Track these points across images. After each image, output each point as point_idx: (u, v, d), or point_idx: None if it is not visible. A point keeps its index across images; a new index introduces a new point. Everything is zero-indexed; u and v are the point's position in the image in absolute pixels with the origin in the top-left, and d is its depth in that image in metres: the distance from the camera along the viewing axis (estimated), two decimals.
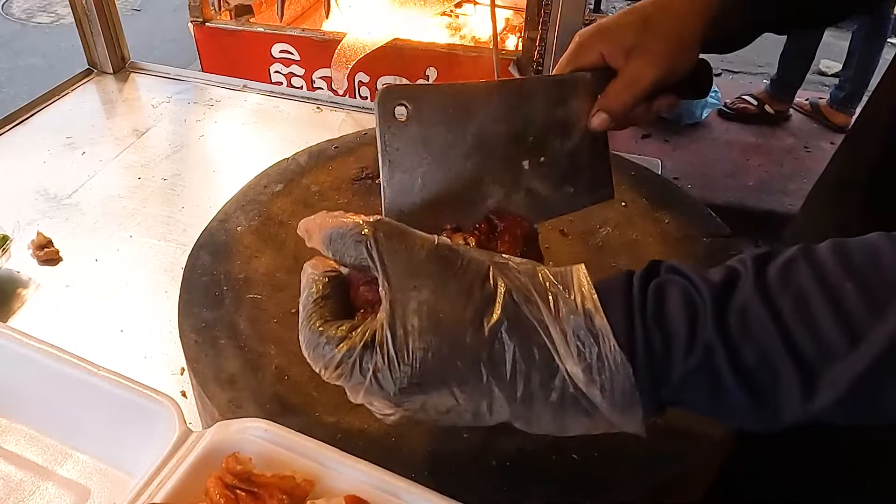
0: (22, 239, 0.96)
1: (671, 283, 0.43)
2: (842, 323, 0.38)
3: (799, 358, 0.38)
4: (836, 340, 0.37)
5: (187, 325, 0.69)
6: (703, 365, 0.40)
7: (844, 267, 0.39)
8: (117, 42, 1.41)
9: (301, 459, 0.49)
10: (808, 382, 0.38)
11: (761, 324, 0.39)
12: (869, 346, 0.37)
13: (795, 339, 0.38)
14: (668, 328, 0.41)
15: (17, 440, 0.57)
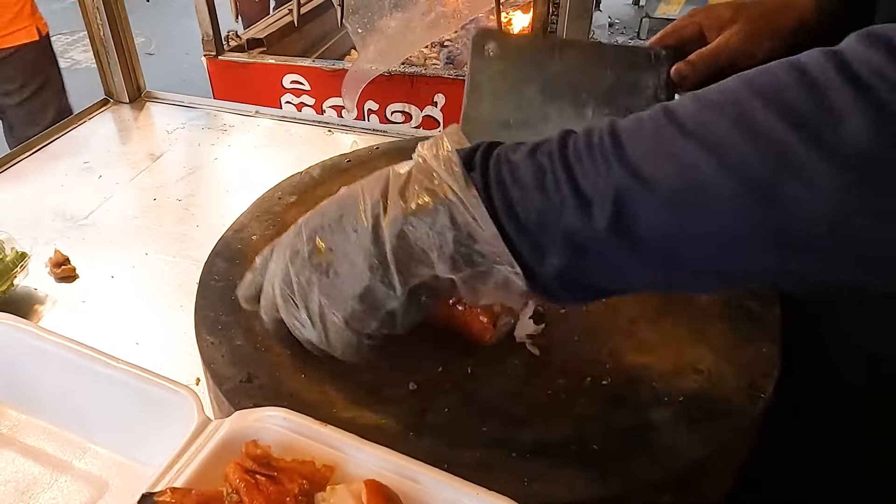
0: (39, 257, 0.97)
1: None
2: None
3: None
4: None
5: (204, 328, 0.70)
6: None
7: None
8: (133, 72, 1.44)
9: (320, 447, 0.49)
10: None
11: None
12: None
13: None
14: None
15: (35, 434, 0.57)
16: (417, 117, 1.94)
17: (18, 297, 0.92)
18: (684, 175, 0.37)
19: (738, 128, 0.36)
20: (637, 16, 5.56)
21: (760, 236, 0.36)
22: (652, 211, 0.39)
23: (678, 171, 0.38)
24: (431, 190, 0.46)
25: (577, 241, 0.41)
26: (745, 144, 0.35)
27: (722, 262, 0.40)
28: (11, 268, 0.90)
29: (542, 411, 0.60)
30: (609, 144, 0.41)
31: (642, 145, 0.40)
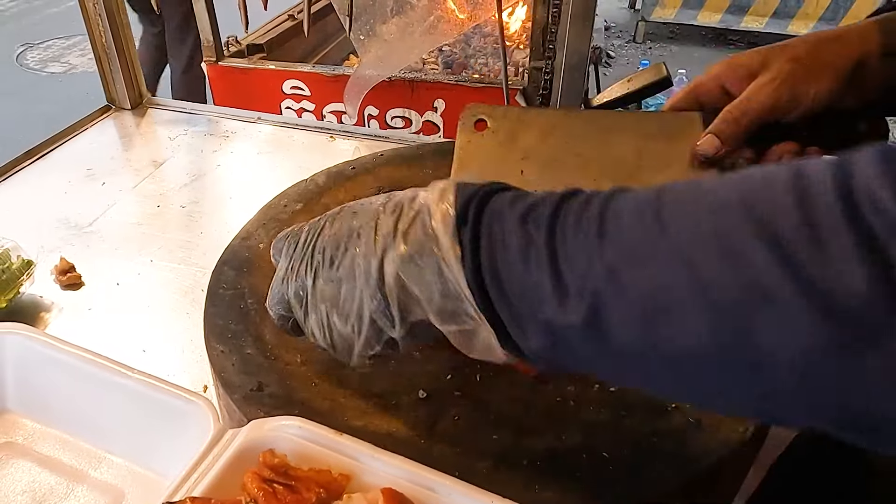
0: (45, 265, 0.97)
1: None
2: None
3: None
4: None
5: (213, 337, 0.70)
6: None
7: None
8: (135, 79, 1.44)
9: (335, 455, 0.49)
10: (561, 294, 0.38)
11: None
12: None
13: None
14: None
15: (50, 444, 0.57)
16: (417, 122, 1.95)
17: (25, 305, 0.92)
18: (655, 290, 0.35)
19: (719, 247, 0.32)
20: (633, 19, 5.59)
21: (731, 366, 0.33)
22: (624, 318, 0.36)
23: (650, 285, 0.35)
24: (424, 240, 0.45)
25: (554, 328, 0.39)
26: (724, 270, 0.32)
27: (693, 385, 0.37)
28: (18, 276, 0.90)
29: (551, 419, 0.61)
30: (595, 231, 0.38)
31: (623, 241, 0.37)
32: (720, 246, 0.32)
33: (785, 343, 0.30)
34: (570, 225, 0.39)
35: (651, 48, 5.33)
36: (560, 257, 0.39)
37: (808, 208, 0.30)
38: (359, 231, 0.50)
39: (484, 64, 2.53)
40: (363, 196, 0.91)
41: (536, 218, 0.41)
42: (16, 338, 0.58)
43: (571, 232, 0.39)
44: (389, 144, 1.33)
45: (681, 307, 0.33)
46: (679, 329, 0.34)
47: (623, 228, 0.37)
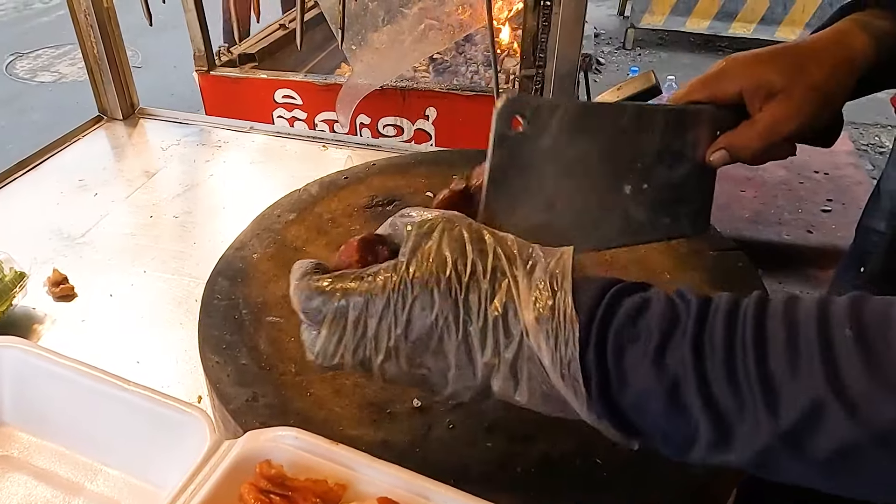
0: (38, 276, 0.97)
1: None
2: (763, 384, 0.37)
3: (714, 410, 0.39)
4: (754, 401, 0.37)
5: (208, 348, 0.70)
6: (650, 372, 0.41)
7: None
8: (127, 89, 1.45)
9: (332, 465, 0.49)
10: (720, 434, 0.39)
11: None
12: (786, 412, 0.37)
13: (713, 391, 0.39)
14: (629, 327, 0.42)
15: (47, 457, 0.57)
16: (409, 131, 1.95)
17: (18, 318, 0.92)
18: (844, 457, 0.36)
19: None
20: (622, 26, 5.62)
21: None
22: (803, 471, 0.38)
23: (837, 453, 0.36)
24: (540, 380, 0.44)
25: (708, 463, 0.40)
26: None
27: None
28: (10, 288, 0.90)
29: (545, 426, 0.61)
30: (757, 387, 0.38)
31: (796, 405, 0.37)
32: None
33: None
34: (719, 370, 0.39)
35: (640, 55, 5.36)
36: (720, 404, 0.39)
37: None
38: (441, 337, 0.45)
39: (475, 72, 2.55)
40: (356, 204, 0.93)
41: (678, 355, 0.40)
42: (11, 351, 0.58)
43: (725, 380, 0.39)
44: (382, 153, 1.33)
45: (871, 470, 0.36)
46: (864, 481, 0.37)
47: (794, 391, 0.37)
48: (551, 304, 0.43)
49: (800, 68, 0.62)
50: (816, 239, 2.85)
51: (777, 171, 3.41)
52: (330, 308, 0.47)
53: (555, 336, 0.43)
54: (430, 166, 1.02)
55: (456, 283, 0.45)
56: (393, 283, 0.46)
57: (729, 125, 0.65)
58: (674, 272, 0.81)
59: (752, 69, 0.64)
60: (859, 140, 4.01)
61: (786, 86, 0.62)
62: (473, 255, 0.46)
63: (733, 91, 0.64)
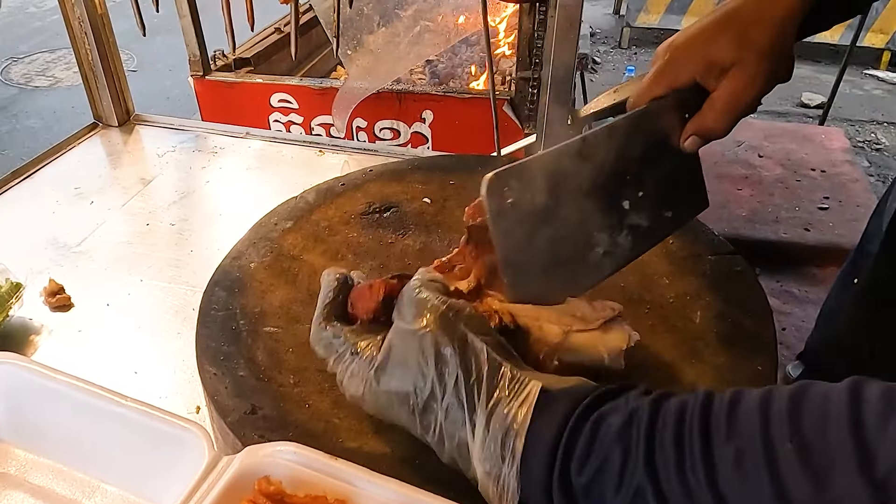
0: (34, 287, 0.97)
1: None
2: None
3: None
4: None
5: (206, 359, 0.70)
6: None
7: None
8: (122, 96, 1.44)
9: (330, 480, 0.49)
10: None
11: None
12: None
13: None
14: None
15: (44, 474, 0.57)
16: (406, 134, 1.95)
17: (14, 328, 0.92)
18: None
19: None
20: (618, 25, 5.63)
21: None
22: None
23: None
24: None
25: None
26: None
27: None
28: (6, 299, 0.90)
29: None
30: (701, 468, 0.41)
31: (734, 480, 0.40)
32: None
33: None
34: (672, 468, 0.42)
35: (636, 53, 5.36)
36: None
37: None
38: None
39: (471, 74, 2.54)
40: (352, 211, 0.93)
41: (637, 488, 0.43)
42: (7, 367, 0.57)
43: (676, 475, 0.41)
44: (378, 158, 1.33)
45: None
46: None
47: (731, 466, 0.40)
48: (497, 473, 0.48)
49: (745, 38, 0.62)
50: (813, 236, 2.85)
51: (774, 169, 3.41)
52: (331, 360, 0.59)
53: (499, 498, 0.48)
54: (426, 172, 1.02)
55: (415, 402, 0.53)
56: (367, 382, 0.56)
57: (693, 105, 0.66)
58: (672, 277, 0.81)
59: (699, 52, 0.64)
60: (855, 137, 4.02)
61: (736, 58, 0.62)
62: (434, 378, 0.52)
63: (687, 78, 0.65)
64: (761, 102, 0.67)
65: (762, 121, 3.57)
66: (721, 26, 0.64)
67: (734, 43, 0.63)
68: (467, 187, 0.98)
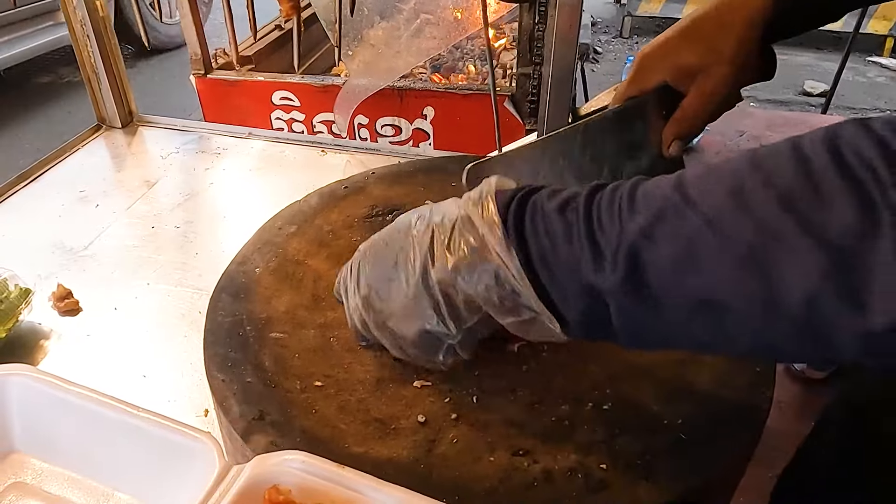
0: (42, 292, 0.98)
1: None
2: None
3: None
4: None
5: (213, 366, 0.71)
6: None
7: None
8: (125, 98, 1.45)
9: (339, 489, 0.51)
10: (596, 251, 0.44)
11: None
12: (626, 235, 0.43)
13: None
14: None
15: (59, 483, 0.58)
16: (407, 130, 1.96)
17: (24, 334, 0.93)
18: (684, 242, 0.41)
19: (738, 205, 0.39)
20: (619, 14, 5.60)
21: (751, 303, 0.39)
22: (657, 270, 0.42)
23: (679, 238, 0.41)
24: (476, 248, 0.50)
25: (594, 291, 0.44)
26: (742, 219, 0.38)
27: (716, 329, 0.42)
28: (16, 305, 0.91)
29: (547, 439, 0.63)
30: (626, 206, 0.44)
31: (652, 208, 0.43)
32: (736, 202, 0.39)
33: (793, 276, 0.36)
34: (604, 205, 0.45)
35: (638, 43, 5.34)
36: (596, 230, 0.44)
37: (805, 166, 0.37)
38: (395, 261, 0.56)
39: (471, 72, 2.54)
40: (356, 215, 0.94)
41: (574, 206, 0.47)
42: (19, 378, 0.59)
43: (606, 210, 0.45)
44: (380, 157, 1.34)
45: (706, 255, 0.40)
46: (706, 275, 0.40)
47: (650, 199, 0.43)
48: (476, 196, 0.52)
49: (709, 46, 0.67)
50: None
51: None
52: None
53: (481, 207, 0.51)
54: (429, 174, 1.03)
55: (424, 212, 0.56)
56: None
57: (669, 104, 0.70)
58: None
59: (666, 60, 0.69)
60: None
61: (701, 64, 0.67)
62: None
63: (657, 81, 0.70)
64: (741, 98, 0.70)
65: (764, 110, 3.56)
66: (686, 35, 0.69)
67: (698, 51, 0.67)
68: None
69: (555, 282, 0.47)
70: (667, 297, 0.42)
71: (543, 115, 1.35)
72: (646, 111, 0.70)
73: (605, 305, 0.45)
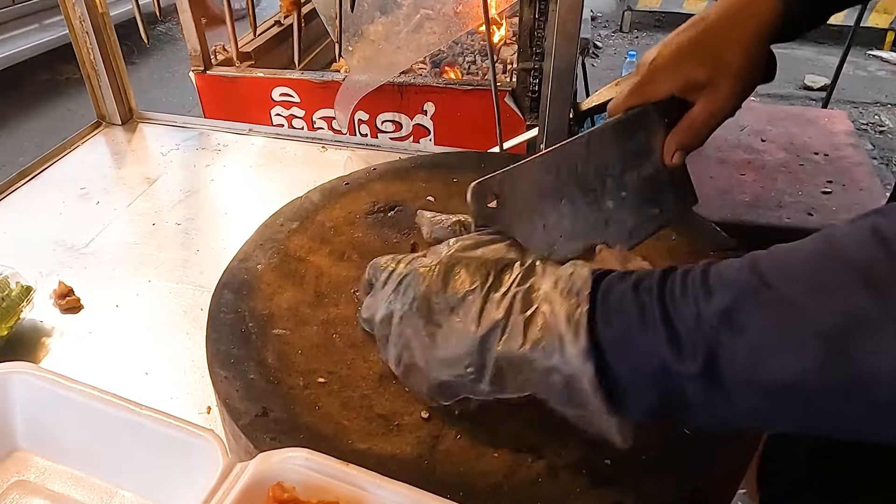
0: (44, 289, 0.98)
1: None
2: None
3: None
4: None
5: (216, 363, 0.71)
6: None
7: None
8: (125, 94, 1.45)
9: (343, 486, 0.50)
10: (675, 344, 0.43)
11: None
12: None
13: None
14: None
15: (62, 481, 0.58)
16: (408, 126, 1.95)
17: (25, 331, 0.93)
18: (765, 329, 0.40)
19: (820, 288, 0.39)
20: (619, 9, 5.59)
21: (836, 387, 0.38)
22: (737, 358, 0.41)
23: (759, 325, 0.40)
24: (556, 349, 0.49)
25: (671, 380, 0.44)
26: (826, 302, 0.38)
27: (801, 412, 0.41)
28: (18, 302, 0.91)
29: (551, 434, 0.62)
30: (701, 290, 0.44)
31: (728, 291, 0.43)
32: (817, 284, 0.39)
33: (881, 360, 0.36)
34: (677, 288, 0.45)
35: (638, 37, 5.33)
36: (672, 316, 0.44)
37: (886, 247, 0.37)
38: (461, 299, 0.54)
39: (472, 62, 2.54)
40: (357, 211, 0.93)
41: (647, 287, 0.47)
42: (24, 377, 0.58)
43: (679, 293, 0.45)
44: (381, 154, 1.34)
45: (790, 341, 0.39)
46: (790, 359, 0.39)
47: (726, 283, 0.43)
48: (570, 273, 0.51)
49: (717, 60, 0.67)
50: (817, 221, 2.84)
51: (777, 154, 3.40)
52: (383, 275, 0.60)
53: (568, 291, 0.50)
54: (430, 170, 1.03)
55: (492, 266, 0.55)
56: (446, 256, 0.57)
57: (673, 113, 0.70)
58: None
59: (676, 70, 0.69)
60: (859, 119, 4.00)
61: (710, 78, 0.67)
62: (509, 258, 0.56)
63: (665, 93, 0.70)
64: (741, 106, 0.71)
65: (765, 104, 3.55)
66: (694, 47, 0.69)
67: (707, 64, 0.68)
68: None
69: (625, 363, 0.47)
70: (748, 382, 0.41)
71: (544, 111, 1.35)
72: (649, 121, 0.70)
73: (679, 390, 0.44)
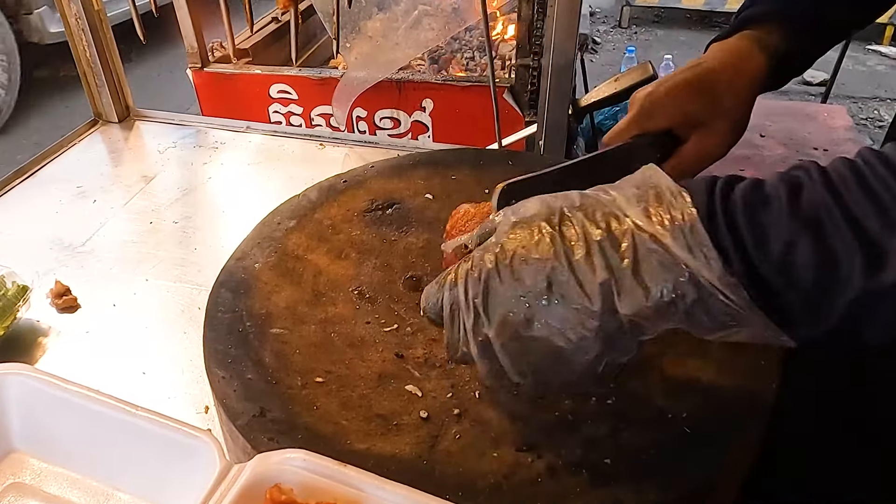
0: (40, 288, 0.97)
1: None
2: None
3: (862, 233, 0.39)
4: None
5: (213, 363, 0.70)
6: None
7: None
8: (121, 92, 1.44)
9: (341, 487, 0.50)
10: (875, 258, 0.39)
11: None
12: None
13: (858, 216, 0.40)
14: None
15: (59, 483, 0.58)
16: (406, 123, 1.95)
17: (22, 331, 0.92)
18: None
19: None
20: (617, 4, 5.57)
21: None
22: None
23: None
24: (680, 281, 0.43)
25: (863, 298, 0.39)
26: None
27: None
28: (14, 302, 0.90)
29: (550, 434, 0.62)
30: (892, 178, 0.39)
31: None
32: None
33: None
34: (851, 183, 0.41)
35: (637, 33, 5.32)
36: (858, 216, 0.39)
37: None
38: (563, 277, 0.46)
39: (471, 58, 2.53)
40: (355, 209, 0.93)
41: (795, 182, 0.42)
42: (20, 378, 0.58)
43: (857, 187, 0.40)
44: (379, 151, 1.33)
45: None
46: None
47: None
48: (654, 193, 0.45)
49: (716, 101, 0.72)
50: None
51: (776, 150, 3.39)
52: (444, 299, 0.52)
53: (669, 214, 0.43)
54: (428, 167, 1.02)
55: (548, 227, 0.47)
56: (494, 255, 0.49)
57: (667, 147, 0.75)
58: None
59: (675, 106, 0.73)
60: (858, 115, 4.00)
61: (707, 118, 0.72)
62: (559, 208, 0.49)
63: (662, 126, 0.74)
64: (727, 153, 0.76)
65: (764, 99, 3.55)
66: (697, 87, 0.73)
67: (707, 107, 0.72)
68: (469, 182, 0.98)
69: (794, 288, 0.41)
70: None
71: (543, 107, 1.34)
72: (644, 153, 0.74)
73: (869, 308, 0.39)
